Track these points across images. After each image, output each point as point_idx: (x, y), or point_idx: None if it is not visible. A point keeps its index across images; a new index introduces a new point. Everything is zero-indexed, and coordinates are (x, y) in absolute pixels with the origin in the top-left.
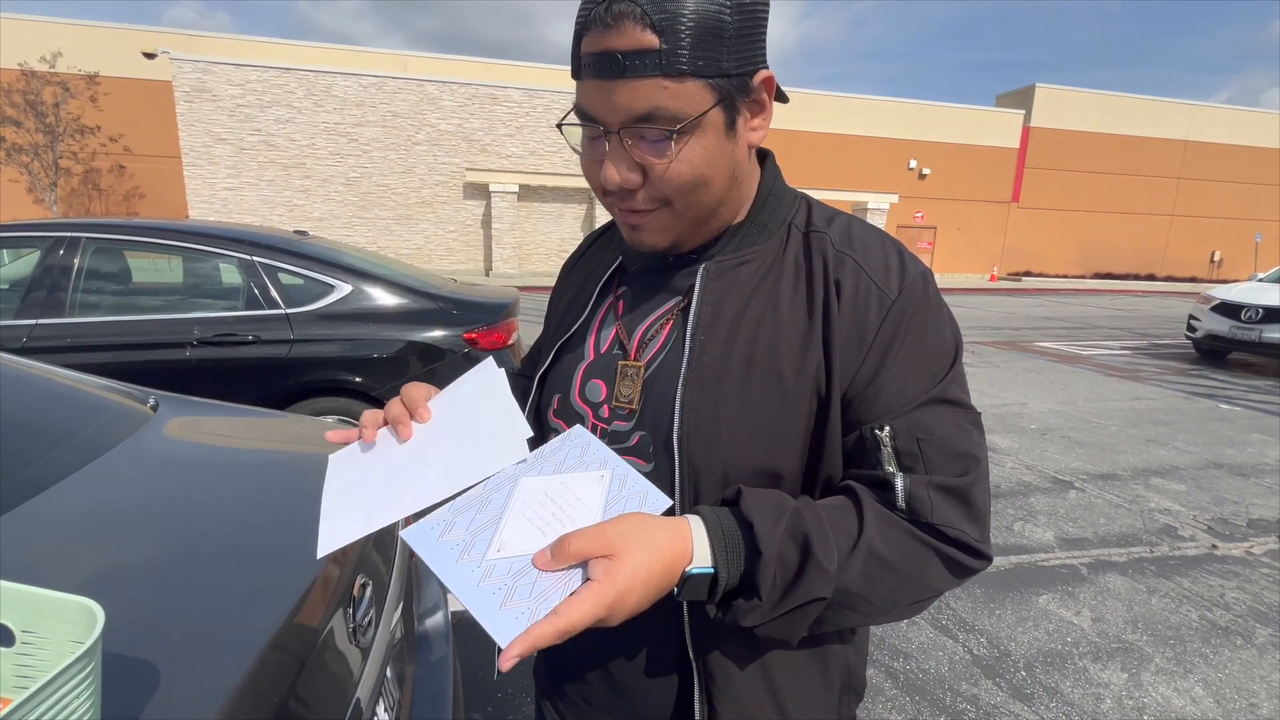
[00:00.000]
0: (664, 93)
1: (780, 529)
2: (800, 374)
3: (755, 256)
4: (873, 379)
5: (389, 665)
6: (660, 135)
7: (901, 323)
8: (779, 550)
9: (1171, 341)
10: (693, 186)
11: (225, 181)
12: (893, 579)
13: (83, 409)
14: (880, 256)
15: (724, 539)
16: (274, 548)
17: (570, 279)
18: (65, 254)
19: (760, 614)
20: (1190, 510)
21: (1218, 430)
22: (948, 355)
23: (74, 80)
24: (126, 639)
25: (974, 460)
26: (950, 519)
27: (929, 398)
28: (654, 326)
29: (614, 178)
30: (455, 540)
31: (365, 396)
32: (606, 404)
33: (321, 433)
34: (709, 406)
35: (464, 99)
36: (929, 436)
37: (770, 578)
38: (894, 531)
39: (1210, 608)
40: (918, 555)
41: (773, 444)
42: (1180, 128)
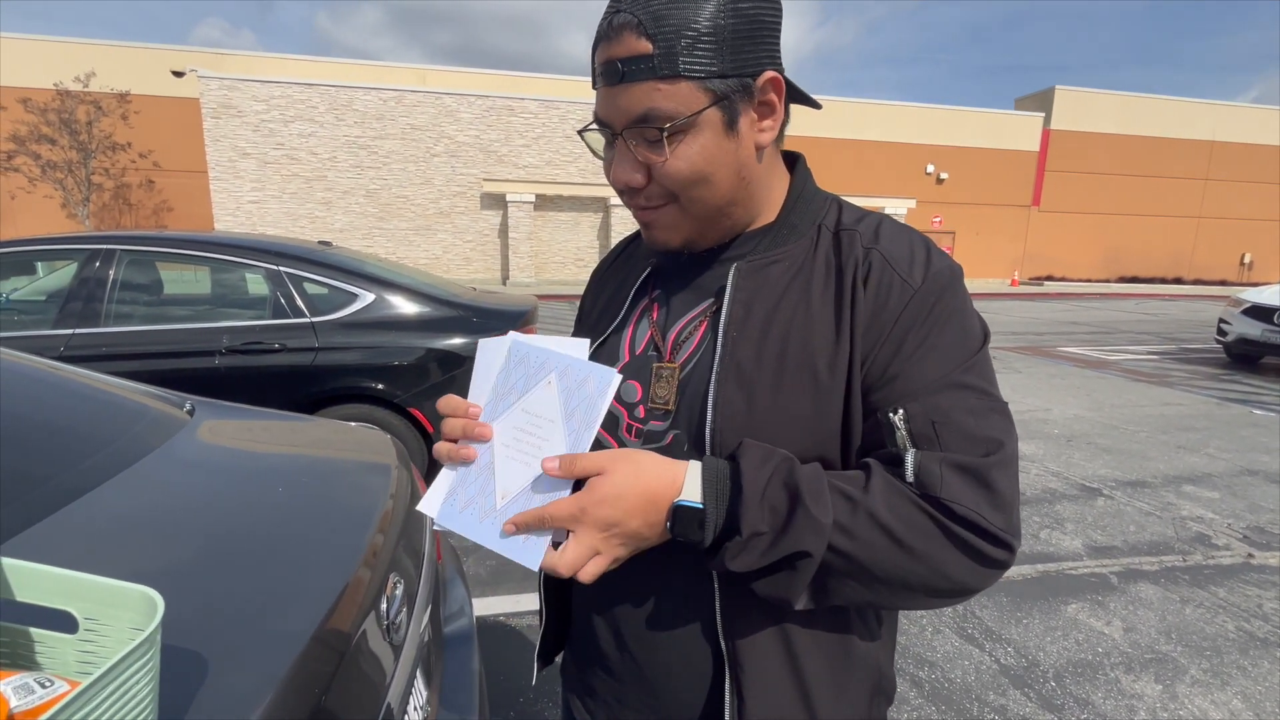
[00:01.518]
0: (658, 95)
1: (767, 471)
2: (834, 369)
3: (786, 256)
4: (889, 364)
5: (418, 667)
6: (656, 135)
7: (922, 311)
8: (764, 491)
9: (1201, 346)
10: (692, 182)
11: (250, 194)
12: (898, 553)
13: (122, 414)
14: (907, 250)
15: (715, 478)
16: (310, 549)
17: (604, 282)
18: (100, 266)
19: (747, 557)
20: (1224, 518)
21: (1251, 436)
22: (972, 344)
23: (106, 99)
24: (173, 634)
25: (996, 443)
26: (961, 496)
27: (947, 382)
28: (688, 328)
29: (619, 176)
30: (470, 505)
31: (388, 403)
32: (642, 404)
33: (351, 438)
34: (742, 402)
35: (481, 111)
36: (945, 420)
37: (753, 516)
38: (900, 501)
39: (1248, 618)
40: (925, 530)
41: (809, 438)
42: (1205, 128)
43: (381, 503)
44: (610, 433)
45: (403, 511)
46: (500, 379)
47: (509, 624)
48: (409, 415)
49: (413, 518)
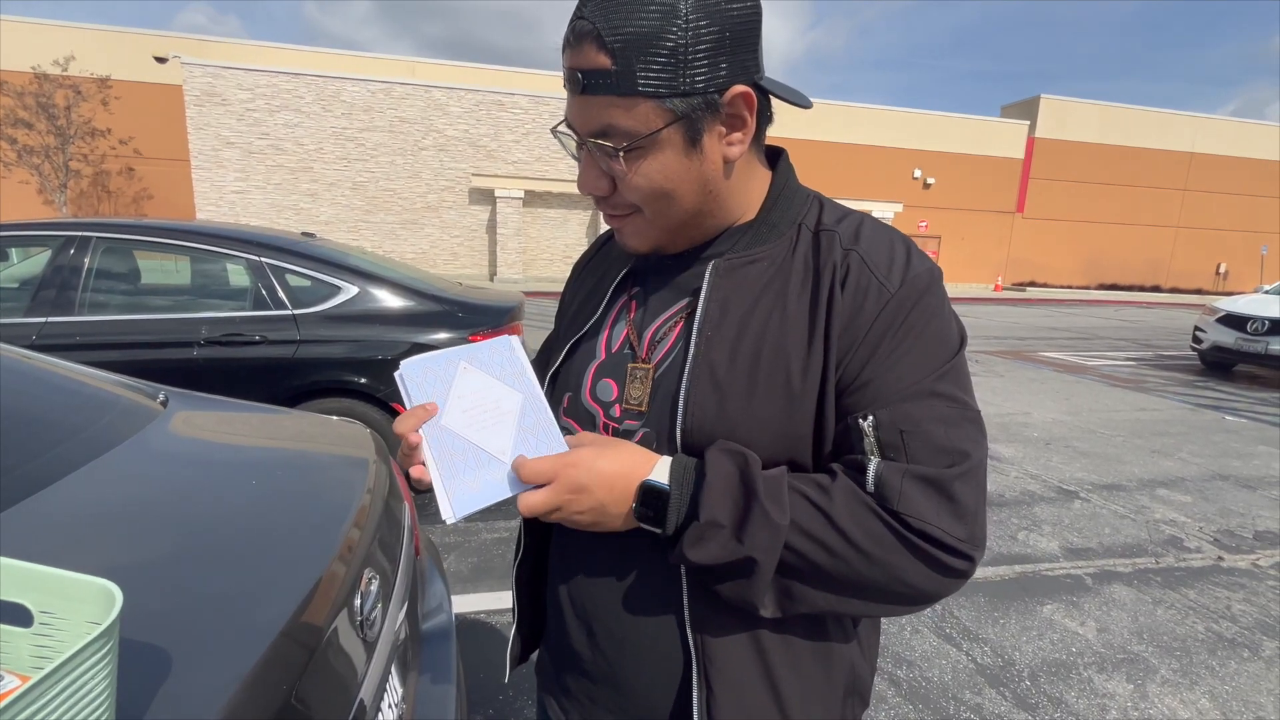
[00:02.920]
0: (617, 111)
1: (731, 467)
2: (807, 374)
3: (764, 255)
4: (863, 369)
5: (393, 663)
6: (613, 152)
7: (898, 316)
8: (725, 485)
9: (1177, 353)
10: (653, 198)
11: (233, 184)
12: (857, 557)
13: (92, 403)
14: (886, 252)
15: (682, 468)
16: (282, 542)
17: (583, 278)
18: (76, 253)
19: (705, 547)
20: (1196, 522)
21: (1224, 442)
22: (947, 350)
23: (85, 83)
24: (137, 629)
25: (962, 454)
26: (919, 510)
27: (919, 390)
28: (664, 327)
29: (584, 185)
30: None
31: (370, 398)
32: (618, 404)
33: (329, 431)
34: (714, 404)
35: (471, 105)
36: (914, 428)
37: (713, 505)
38: (860, 509)
39: (1217, 619)
40: (883, 539)
41: (781, 441)
42: (1185, 140)
43: (358, 497)
44: (587, 430)
45: (380, 506)
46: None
47: (489, 621)
48: (391, 410)
49: (390, 512)
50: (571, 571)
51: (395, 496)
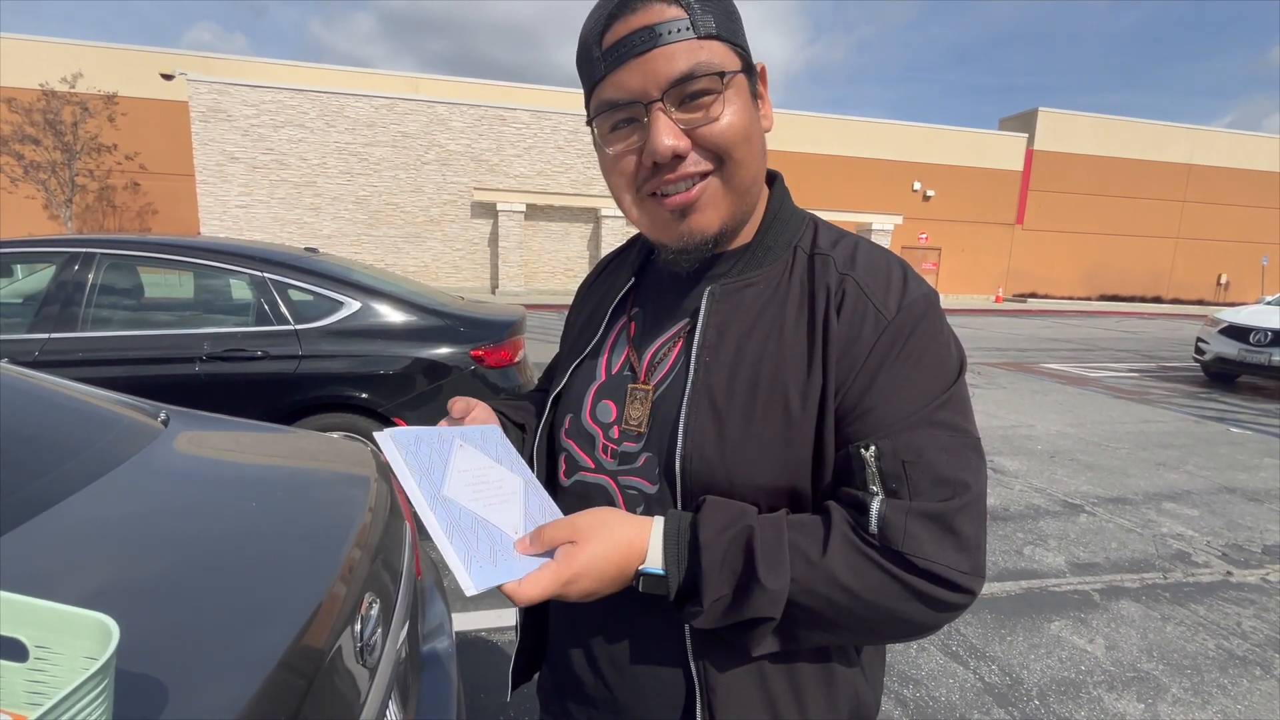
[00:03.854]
0: (701, 50)
1: (725, 539)
2: (806, 400)
3: (761, 279)
4: (863, 396)
5: (395, 684)
6: (703, 90)
7: (896, 342)
8: (721, 560)
9: (1180, 364)
10: (738, 143)
11: (238, 199)
12: (859, 606)
13: (93, 423)
14: (883, 277)
15: (676, 543)
16: (284, 564)
17: (586, 300)
18: (80, 269)
19: (708, 617)
20: (1204, 536)
21: (1229, 454)
22: (946, 377)
23: (92, 100)
24: (135, 655)
25: (963, 486)
26: (924, 548)
27: (921, 419)
28: (662, 349)
29: (664, 143)
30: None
31: (372, 413)
32: (616, 425)
33: (329, 449)
34: (714, 430)
35: (473, 120)
36: (916, 459)
37: (712, 587)
38: (859, 560)
39: (1227, 636)
40: (884, 588)
41: (780, 466)
42: (1183, 151)
43: (359, 517)
44: (587, 452)
45: (381, 525)
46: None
47: (491, 640)
48: (393, 425)
49: (391, 531)
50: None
51: (396, 515)
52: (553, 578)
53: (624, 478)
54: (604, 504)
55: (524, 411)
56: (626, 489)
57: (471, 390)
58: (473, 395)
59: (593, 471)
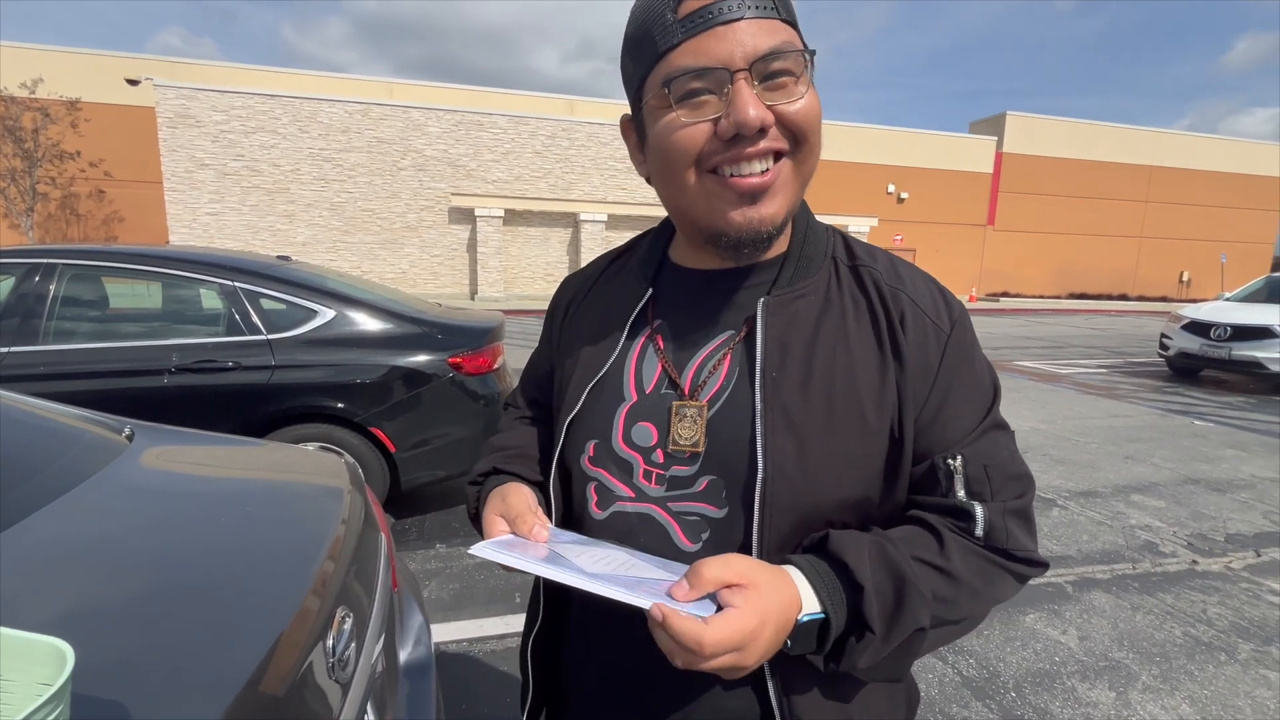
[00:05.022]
0: (785, 30)
1: (873, 562)
2: (881, 411)
3: (810, 290)
4: (940, 410)
5: (370, 699)
6: (785, 70)
7: (957, 356)
8: (877, 583)
9: (1145, 360)
10: (816, 124)
11: (208, 206)
12: (974, 600)
13: (55, 440)
14: (927, 292)
15: (823, 581)
16: (253, 580)
17: (584, 312)
18: (40, 280)
19: (874, 650)
20: (1170, 526)
21: (1193, 446)
22: (993, 381)
23: (54, 106)
24: (98, 678)
25: (1029, 480)
26: (1021, 543)
27: (987, 425)
28: (709, 363)
29: (753, 114)
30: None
31: (348, 423)
32: (660, 448)
33: (301, 461)
34: (793, 449)
35: (450, 125)
36: (992, 462)
37: (876, 611)
38: (973, 559)
39: (1194, 624)
40: (993, 576)
41: (857, 481)
42: (1145, 153)
43: (332, 529)
44: (623, 480)
45: (355, 537)
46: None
47: (471, 651)
48: (370, 435)
49: (366, 543)
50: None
51: (371, 526)
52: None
53: (678, 504)
54: (653, 534)
55: (525, 460)
56: (683, 515)
57: (451, 397)
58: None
59: (633, 500)
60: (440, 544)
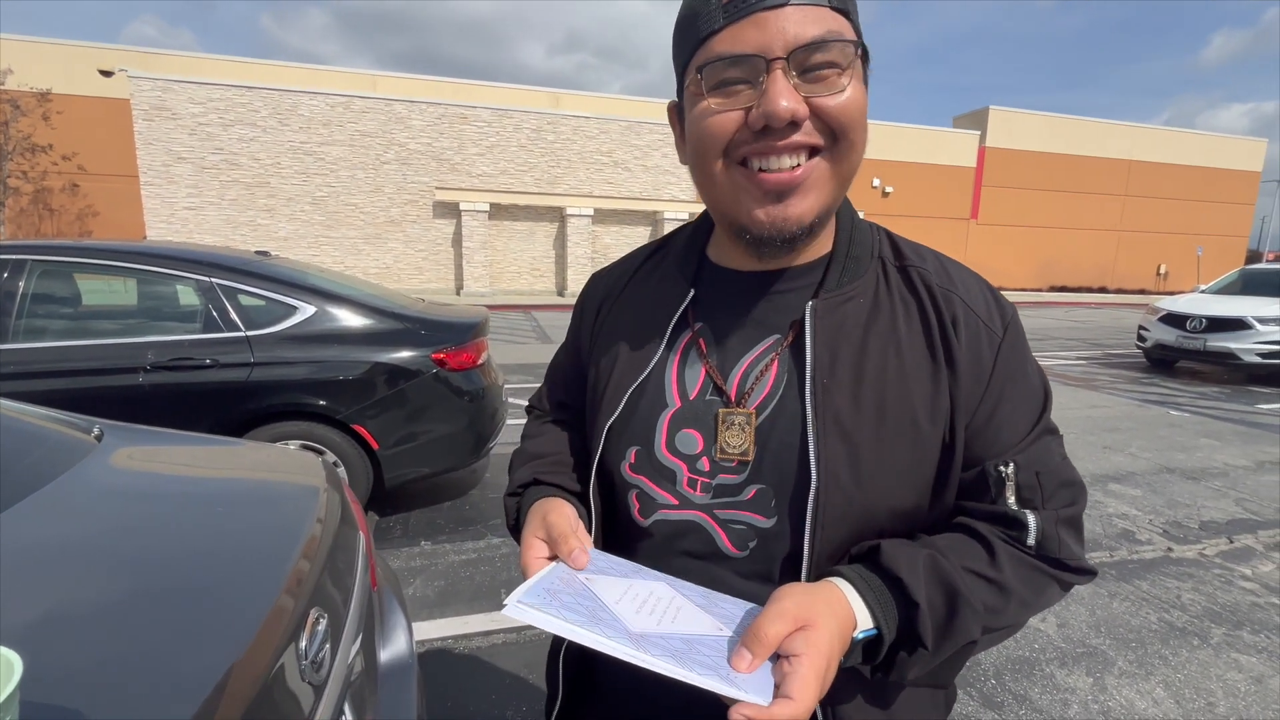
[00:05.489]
0: (833, 19)
1: (926, 575)
2: (935, 418)
3: (858, 292)
4: (992, 415)
5: (346, 701)
6: (830, 62)
7: (1010, 360)
8: (930, 598)
9: (1123, 351)
10: (855, 123)
11: (186, 201)
12: (1022, 610)
13: (18, 440)
14: (979, 294)
15: (876, 597)
16: (224, 582)
17: (619, 312)
18: (9, 277)
19: (924, 663)
20: (1146, 514)
21: (1169, 436)
22: (1044, 385)
23: (24, 98)
24: (62, 684)
25: (1081, 488)
26: (1073, 553)
27: (1039, 430)
28: (755, 368)
29: (786, 105)
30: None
31: (330, 420)
32: (705, 456)
33: (276, 459)
34: (845, 455)
35: (433, 118)
36: (1045, 468)
37: (929, 627)
38: (1024, 569)
39: (1168, 609)
40: (1043, 586)
41: (908, 489)
42: (1124, 148)
43: (306, 528)
44: (667, 489)
45: (330, 536)
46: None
47: (456, 648)
48: (352, 432)
49: (342, 542)
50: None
51: (349, 525)
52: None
53: (724, 511)
54: (698, 540)
55: (563, 468)
56: (730, 524)
57: (435, 393)
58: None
59: (678, 508)
60: (425, 541)
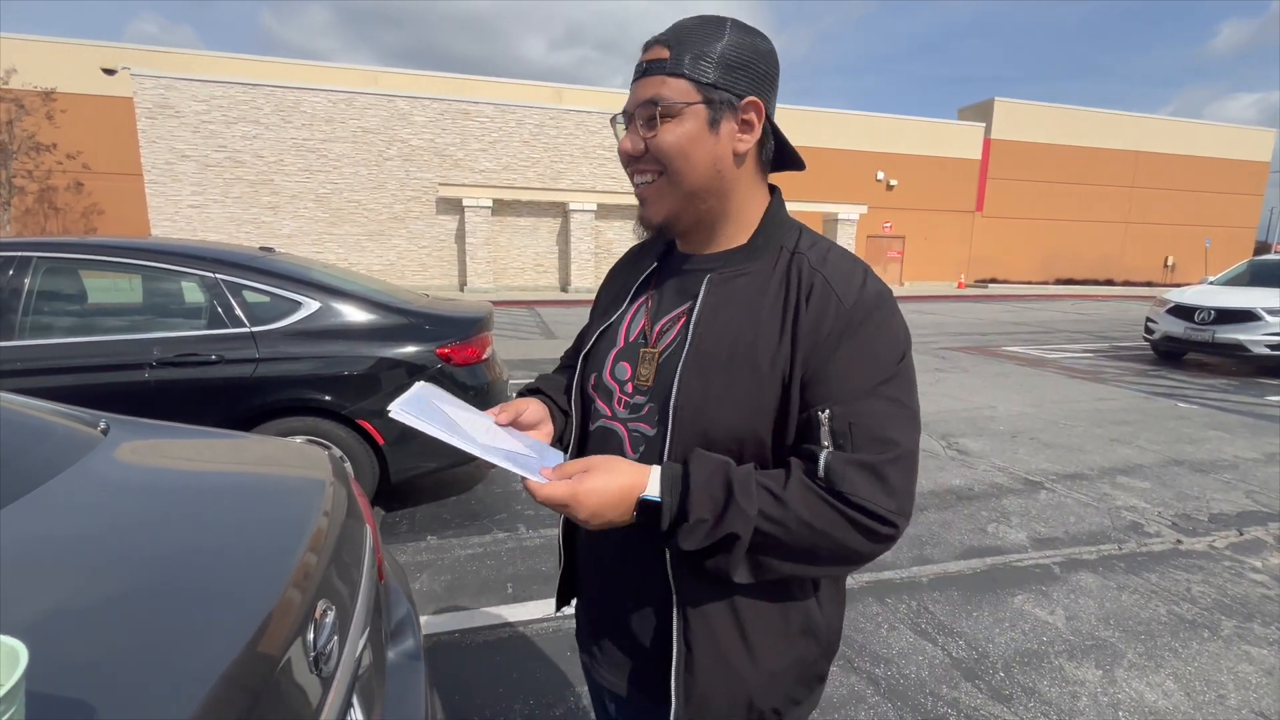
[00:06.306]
0: (663, 86)
1: (708, 473)
2: (773, 364)
3: (750, 270)
4: (823, 368)
5: (355, 693)
6: (652, 115)
7: (850, 326)
8: (706, 488)
9: (1131, 344)
10: (675, 155)
11: (190, 199)
12: (811, 534)
13: (24, 433)
14: (847, 275)
15: (670, 478)
16: (230, 575)
17: (615, 279)
18: (15, 274)
19: (694, 538)
20: (1155, 507)
21: (1177, 428)
22: (892, 360)
23: (28, 97)
24: (69, 677)
25: (894, 444)
26: (858, 490)
27: (867, 391)
28: (670, 322)
29: (623, 146)
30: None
31: (334, 415)
32: (630, 381)
33: (282, 453)
34: (699, 385)
35: (435, 114)
36: (859, 422)
37: (698, 506)
38: (811, 496)
39: (1178, 602)
40: (828, 515)
41: (748, 416)
42: (1130, 139)
43: (313, 522)
44: (606, 403)
45: (337, 530)
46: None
47: (462, 642)
48: (358, 427)
49: (349, 535)
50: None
51: (355, 518)
52: (568, 488)
53: (632, 424)
54: (616, 445)
55: (555, 386)
56: (633, 432)
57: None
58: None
59: (609, 419)
60: (431, 536)
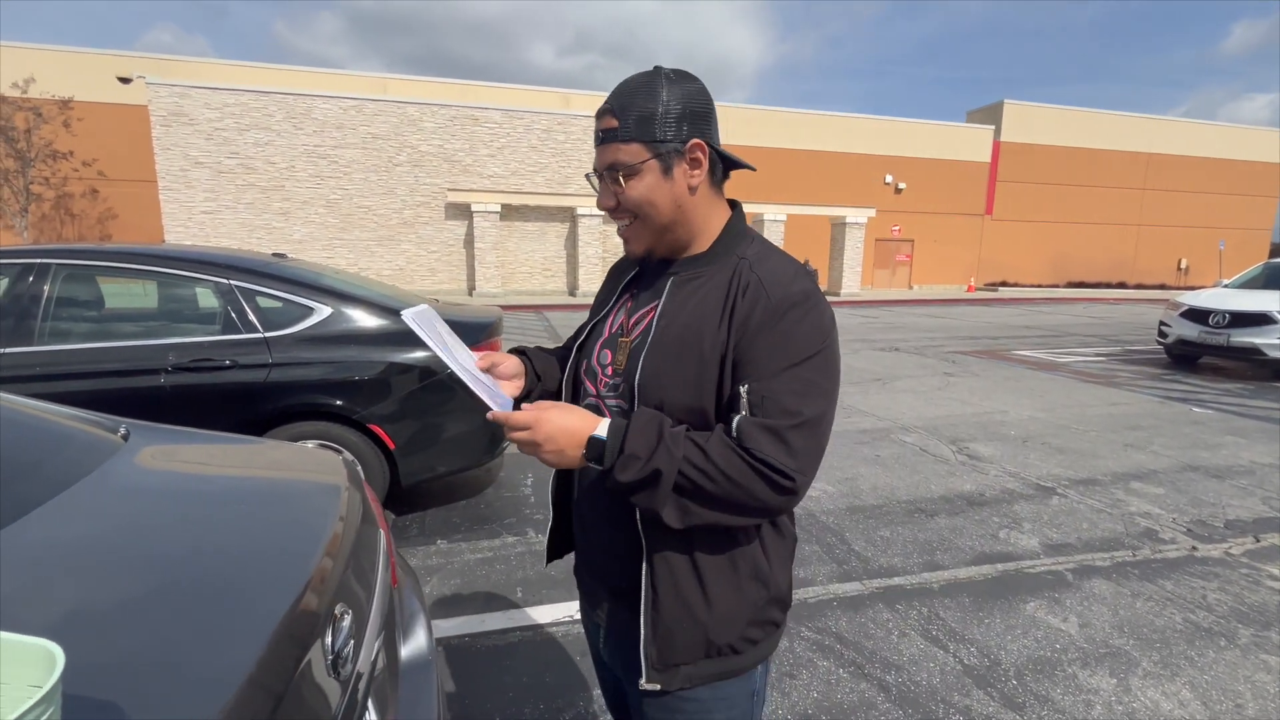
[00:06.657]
0: (619, 152)
1: (643, 421)
2: (713, 349)
3: (706, 274)
4: (747, 352)
5: (371, 696)
6: (615, 178)
7: (771, 318)
8: (642, 430)
9: (1144, 347)
10: (642, 204)
11: (203, 205)
12: (725, 481)
13: (48, 440)
14: (779, 276)
15: (615, 424)
16: (250, 579)
17: (609, 281)
18: (34, 281)
19: (628, 471)
20: (1170, 513)
21: (1192, 433)
22: (808, 347)
23: (46, 105)
24: (94, 679)
25: (797, 414)
26: (761, 446)
27: (781, 371)
28: (642, 317)
29: (599, 203)
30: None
31: (346, 420)
32: (611, 365)
33: (298, 458)
34: (657, 368)
35: (444, 120)
36: (770, 395)
37: (633, 444)
38: (725, 449)
39: (1193, 609)
40: (741, 468)
41: (694, 393)
42: (1142, 141)
43: (330, 526)
44: (592, 384)
45: (353, 534)
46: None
47: (473, 646)
48: (368, 432)
49: (364, 540)
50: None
51: (369, 523)
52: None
53: (610, 400)
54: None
55: (547, 359)
56: (611, 409)
57: (449, 393)
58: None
59: (595, 398)
60: (441, 540)
